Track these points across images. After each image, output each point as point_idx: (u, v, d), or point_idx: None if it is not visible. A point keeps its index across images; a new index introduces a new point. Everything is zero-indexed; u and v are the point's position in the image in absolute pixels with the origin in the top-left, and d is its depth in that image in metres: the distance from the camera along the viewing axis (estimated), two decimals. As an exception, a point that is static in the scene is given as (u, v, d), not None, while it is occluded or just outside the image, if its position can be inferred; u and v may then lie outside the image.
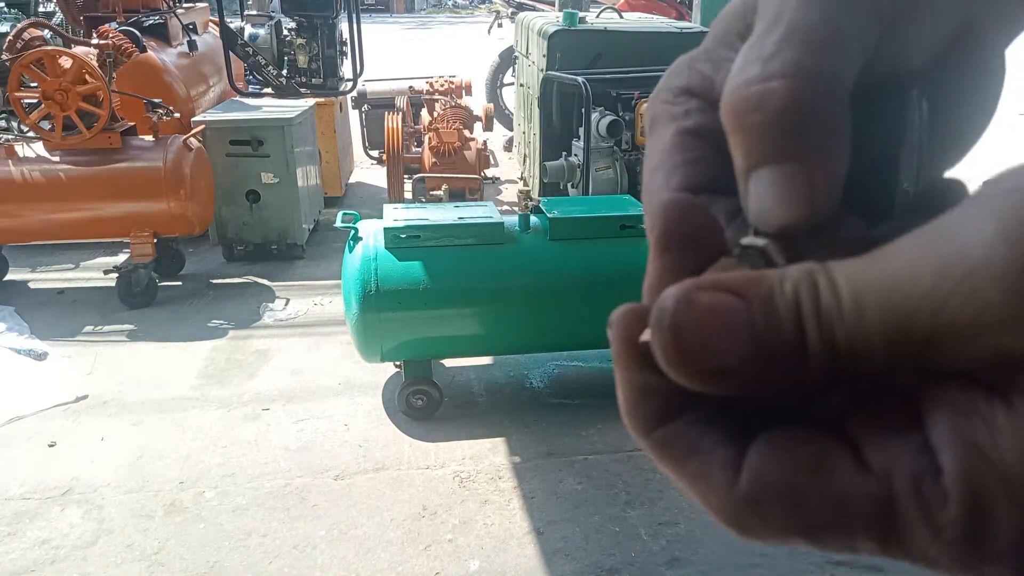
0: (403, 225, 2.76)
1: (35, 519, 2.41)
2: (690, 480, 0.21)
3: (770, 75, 0.21)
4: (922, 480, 0.18)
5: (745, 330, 0.19)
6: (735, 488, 0.20)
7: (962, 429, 0.18)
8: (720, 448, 0.20)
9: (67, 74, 3.60)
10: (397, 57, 11.06)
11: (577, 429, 2.88)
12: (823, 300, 0.18)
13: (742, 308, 0.19)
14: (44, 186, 3.77)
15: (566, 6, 6.40)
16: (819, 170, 0.21)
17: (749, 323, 0.19)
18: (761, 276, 0.19)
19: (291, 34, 5.30)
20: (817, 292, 0.18)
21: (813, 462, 0.19)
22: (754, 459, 0.20)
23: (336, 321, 3.60)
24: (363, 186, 5.97)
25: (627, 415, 0.22)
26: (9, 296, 3.99)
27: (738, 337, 0.19)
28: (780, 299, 0.19)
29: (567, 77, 4.01)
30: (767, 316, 0.19)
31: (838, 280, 0.18)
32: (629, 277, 2.85)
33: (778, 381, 0.19)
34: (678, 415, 0.21)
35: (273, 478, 2.61)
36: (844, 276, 0.18)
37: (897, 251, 0.18)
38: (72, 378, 3.23)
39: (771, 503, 0.19)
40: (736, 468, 0.20)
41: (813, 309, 0.18)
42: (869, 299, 0.18)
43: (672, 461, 0.21)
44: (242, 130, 4.25)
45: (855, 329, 0.18)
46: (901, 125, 0.23)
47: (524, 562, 2.26)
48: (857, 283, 0.18)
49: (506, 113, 7.20)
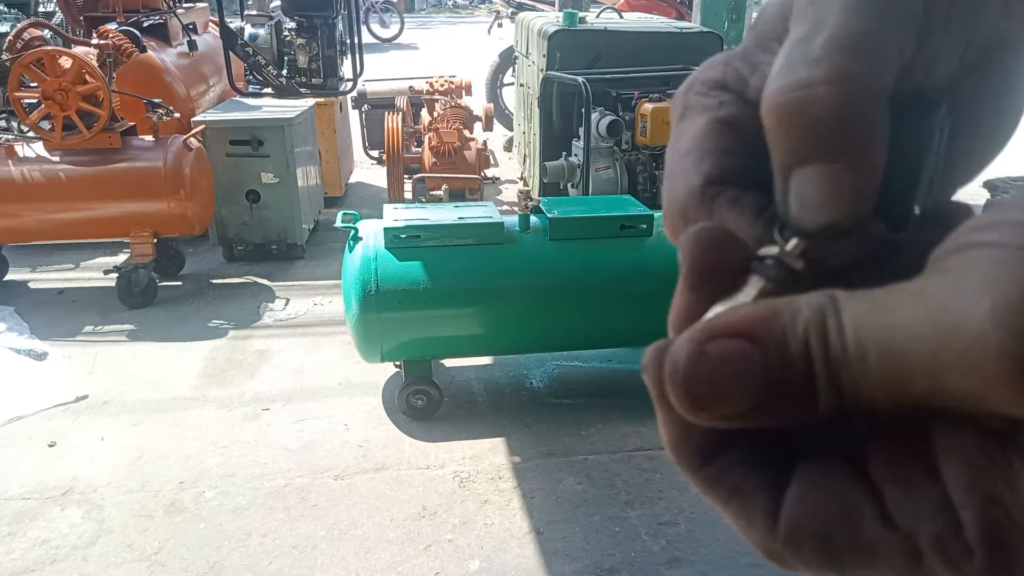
0: (403, 225, 2.75)
1: (35, 519, 2.42)
2: (732, 516, 0.23)
3: (818, 79, 0.21)
4: (945, 538, 0.19)
5: (757, 374, 0.19)
6: (775, 532, 0.21)
7: (980, 484, 0.19)
8: (761, 494, 0.22)
9: (67, 74, 3.60)
10: (397, 57, 11.05)
11: (577, 429, 2.88)
12: (831, 344, 0.19)
13: (754, 354, 0.19)
14: (44, 186, 3.77)
15: (566, 6, 6.40)
16: (863, 172, 0.21)
17: (762, 367, 0.19)
18: (774, 314, 0.20)
19: (291, 34, 5.29)
20: (826, 335, 0.19)
21: (842, 514, 0.20)
22: (790, 507, 0.21)
23: (336, 321, 3.60)
24: (363, 186, 5.97)
25: (673, 452, 0.23)
26: (9, 296, 3.99)
27: (750, 382, 0.19)
28: (792, 342, 0.19)
29: (567, 77, 4.01)
30: (780, 360, 0.19)
31: (845, 323, 0.19)
32: (629, 277, 2.86)
33: (791, 417, 0.20)
34: (721, 452, 0.22)
35: (273, 478, 2.61)
36: (850, 319, 0.19)
37: (897, 305, 0.19)
38: (72, 378, 3.23)
39: (807, 548, 0.21)
40: (775, 514, 0.21)
41: (822, 353, 0.19)
42: (871, 349, 0.18)
43: (718, 500, 0.23)
44: (242, 130, 4.25)
45: (859, 375, 0.19)
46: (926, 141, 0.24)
47: (524, 562, 2.26)
48: (861, 331, 0.19)
49: (506, 113, 7.19)
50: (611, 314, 2.88)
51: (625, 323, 2.92)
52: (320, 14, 5.18)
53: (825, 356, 0.19)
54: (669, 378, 0.20)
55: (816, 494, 0.21)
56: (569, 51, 4.33)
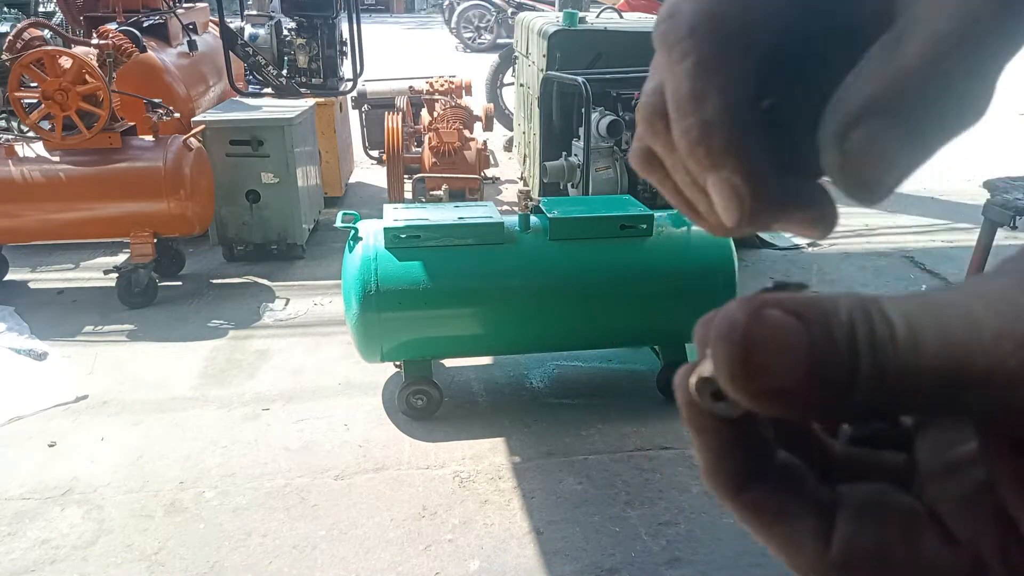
0: (403, 225, 2.75)
1: (35, 519, 2.41)
2: (779, 544, 0.22)
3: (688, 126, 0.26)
4: (1008, 549, 0.19)
5: (804, 352, 0.19)
6: (827, 556, 0.21)
7: None
8: (809, 516, 0.22)
9: (67, 74, 3.60)
10: (397, 57, 11.06)
11: (577, 429, 2.88)
12: (877, 329, 0.19)
13: (802, 330, 0.19)
14: (44, 186, 3.77)
15: (566, 6, 6.40)
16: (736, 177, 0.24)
17: (808, 344, 0.19)
18: (816, 299, 0.20)
19: (291, 34, 5.29)
20: (872, 321, 0.19)
21: (902, 532, 0.21)
22: (845, 528, 0.21)
23: (336, 321, 3.60)
24: (363, 186, 5.97)
25: (710, 477, 0.23)
26: (9, 296, 3.99)
27: (797, 358, 0.19)
28: (836, 324, 0.19)
29: (567, 77, 4.01)
30: (824, 338, 0.19)
31: (891, 314, 0.19)
32: (629, 277, 2.86)
33: (828, 407, 0.20)
34: (759, 476, 0.22)
35: (273, 478, 2.61)
36: (897, 311, 0.19)
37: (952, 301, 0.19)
38: (72, 378, 3.23)
39: (866, 570, 0.21)
40: (827, 536, 0.21)
41: (868, 337, 0.19)
42: (928, 337, 0.19)
43: (761, 525, 0.22)
44: (242, 130, 4.25)
45: (908, 361, 0.19)
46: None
47: (524, 562, 2.26)
48: (913, 320, 0.19)
49: (506, 113, 7.19)
50: (611, 314, 2.88)
51: (625, 323, 2.92)
52: (320, 14, 5.18)
53: (871, 340, 0.19)
54: (726, 336, 0.20)
55: (871, 513, 0.21)
56: (569, 51, 4.33)
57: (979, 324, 0.18)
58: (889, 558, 0.20)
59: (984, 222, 3.28)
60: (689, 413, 0.22)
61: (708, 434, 0.22)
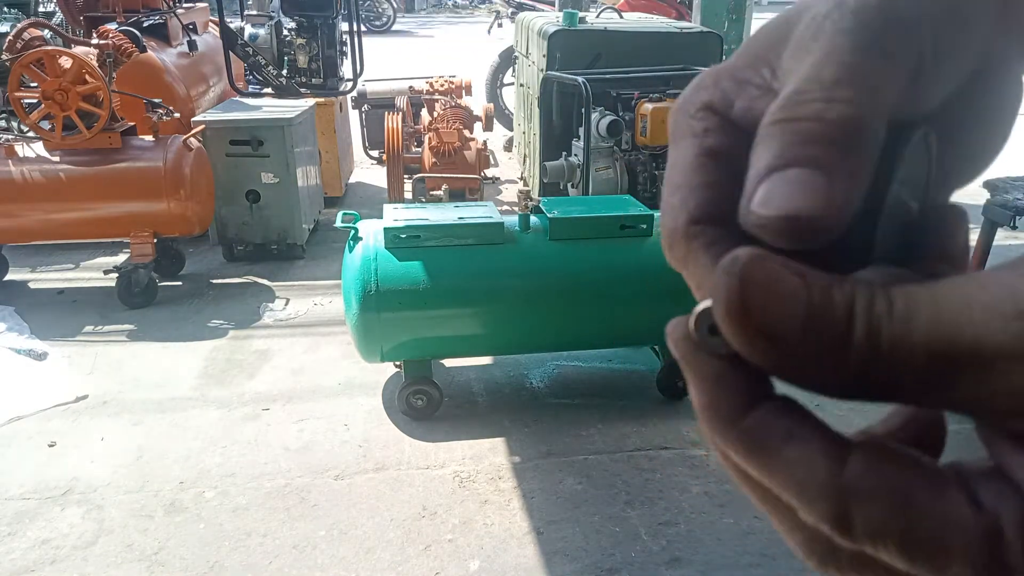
0: (403, 225, 2.75)
1: (35, 519, 2.42)
2: (787, 466, 0.21)
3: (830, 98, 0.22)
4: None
5: (802, 304, 0.20)
6: (840, 476, 0.20)
7: None
8: (822, 434, 0.21)
9: (67, 74, 3.60)
10: (397, 57, 11.06)
11: (577, 429, 2.88)
12: (876, 301, 0.20)
13: (801, 286, 0.20)
14: (44, 186, 3.77)
15: (566, 6, 6.40)
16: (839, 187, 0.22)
17: (807, 300, 0.20)
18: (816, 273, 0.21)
19: (291, 34, 5.29)
20: (872, 295, 0.20)
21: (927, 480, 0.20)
22: (865, 453, 0.20)
23: (336, 321, 3.60)
24: (363, 186, 5.97)
25: (706, 408, 0.22)
26: (9, 296, 3.99)
27: (794, 307, 0.20)
28: (837, 291, 0.20)
29: (567, 77, 4.01)
30: (823, 300, 0.20)
31: (892, 292, 0.20)
32: (629, 277, 2.86)
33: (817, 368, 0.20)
34: (759, 403, 0.22)
35: (273, 478, 2.61)
36: (900, 289, 0.20)
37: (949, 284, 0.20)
38: (72, 378, 3.23)
39: (877, 500, 0.20)
40: (841, 458, 0.20)
41: (866, 307, 0.20)
42: (923, 312, 0.19)
43: (766, 450, 0.21)
44: (242, 130, 4.25)
45: (902, 333, 0.19)
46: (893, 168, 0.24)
47: (524, 562, 2.26)
48: (912, 297, 0.20)
49: (506, 113, 7.19)
50: (611, 314, 2.88)
51: (625, 323, 2.92)
52: (320, 14, 5.18)
53: (868, 310, 0.20)
54: (725, 271, 0.20)
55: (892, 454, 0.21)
56: (569, 51, 4.33)
57: (971, 301, 0.19)
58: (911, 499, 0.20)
59: (984, 222, 3.28)
60: (683, 348, 0.22)
61: (703, 366, 0.22)
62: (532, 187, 4.66)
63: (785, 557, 2.27)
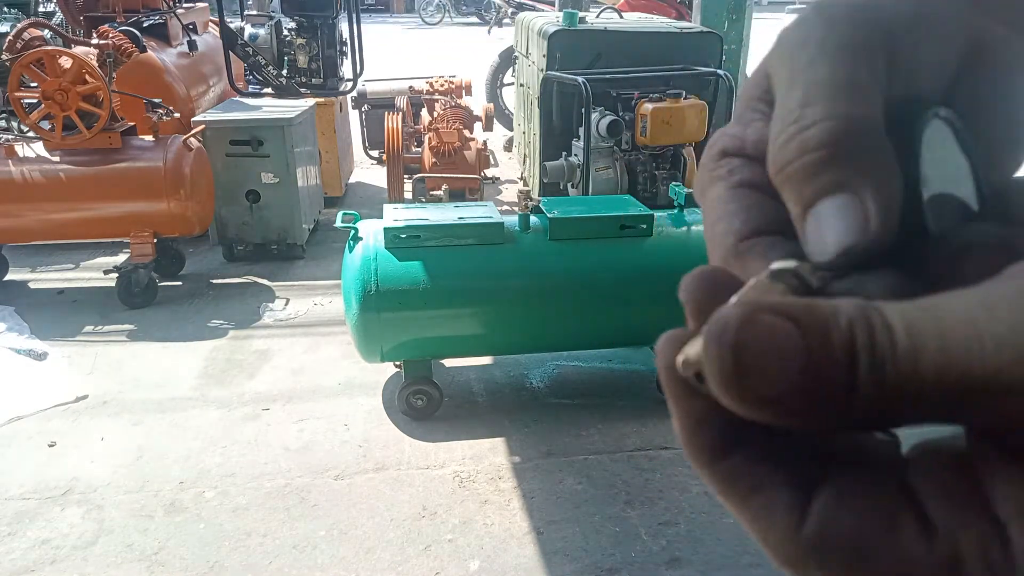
0: (403, 225, 2.75)
1: (35, 519, 2.42)
2: (751, 516, 0.21)
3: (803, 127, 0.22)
4: (991, 548, 0.19)
5: (798, 358, 0.19)
6: (799, 532, 0.20)
7: None
8: (785, 489, 0.21)
9: (67, 74, 3.60)
10: (397, 57, 11.06)
11: (577, 429, 2.88)
12: (878, 338, 0.18)
13: (797, 335, 0.19)
14: (44, 186, 3.77)
15: (566, 6, 6.40)
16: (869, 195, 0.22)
17: (804, 351, 0.19)
18: (814, 304, 0.19)
19: (291, 34, 5.30)
20: (872, 329, 0.19)
21: (881, 519, 0.20)
22: (822, 507, 0.20)
23: (336, 321, 3.60)
24: (363, 186, 5.97)
25: (687, 446, 0.22)
26: (9, 296, 3.99)
27: (791, 364, 0.19)
28: (835, 331, 0.19)
29: (567, 77, 4.01)
30: (821, 346, 0.19)
31: (892, 321, 0.19)
32: (629, 277, 2.86)
33: (822, 417, 0.19)
34: (738, 447, 0.22)
35: (273, 478, 2.61)
36: (899, 318, 0.19)
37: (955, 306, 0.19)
38: (72, 378, 3.23)
39: (835, 553, 0.20)
40: (801, 512, 0.20)
41: (867, 345, 0.18)
42: (929, 345, 0.18)
43: (735, 496, 0.22)
44: (242, 130, 4.25)
45: (909, 370, 0.18)
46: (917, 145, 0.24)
47: (524, 562, 2.26)
48: (914, 328, 0.18)
49: (506, 113, 7.19)
50: (611, 314, 2.88)
51: (625, 323, 2.92)
52: (320, 14, 5.18)
53: (870, 349, 0.18)
54: (714, 340, 0.19)
55: (852, 498, 0.20)
56: (569, 51, 4.33)
57: (980, 331, 0.18)
58: (863, 546, 0.20)
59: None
60: (668, 379, 0.22)
61: (686, 402, 0.21)
62: (532, 187, 4.66)
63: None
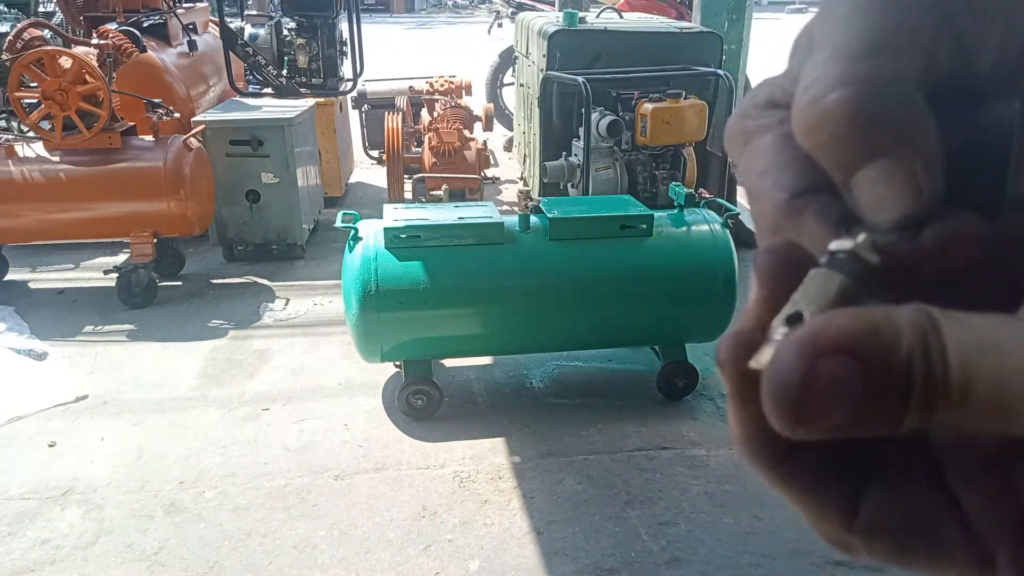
0: (403, 225, 2.75)
1: (35, 519, 2.41)
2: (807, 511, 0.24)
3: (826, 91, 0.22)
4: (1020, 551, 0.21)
5: (858, 392, 0.19)
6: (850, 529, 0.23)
7: None
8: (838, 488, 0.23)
9: (67, 74, 3.60)
10: (397, 57, 11.06)
11: (577, 429, 2.88)
12: (934, 370, 0.19)
13: (857, 375, 0.19)
14: (44, 186, 3.77)
15: (566, 6, 6.40)
16: (915, 158, 0.22)
17: (863, 385, 0.19)
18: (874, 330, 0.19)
19: (291, 34, 5.30)
20: (930, 359, 0.19)
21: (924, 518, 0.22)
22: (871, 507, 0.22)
23: (336, 321, 3.60)
24: (363, 186, 5.97)
25: (747, 445, 0.23)
26: (9, 296, 3.99)
27: (851, 400, 0.19)
28: (896, 363, 0.19)
29: (567, 77, 4.01)
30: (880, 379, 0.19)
31: (949, 350, 0.19)
32: (629, 277, 2.86)
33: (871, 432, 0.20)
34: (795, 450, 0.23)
35: (273, 478, 2.61)
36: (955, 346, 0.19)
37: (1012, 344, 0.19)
38: (72, 378, 3.23)
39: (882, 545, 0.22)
40: (852, 512, 0.23)
41: (923, 378, 0.19)
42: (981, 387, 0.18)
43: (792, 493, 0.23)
44: (242, 130, 4.25)
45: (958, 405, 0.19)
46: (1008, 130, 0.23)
47: (524, 562, 2.26)
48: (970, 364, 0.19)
49: (506, 113, 7.20)
50: (611, 314, 2.88)
51: (625, 323, 2.92)
52: (320, 14, 5.18)
53: (926, 381, 0.19)
54: (777, 394, 0.20)
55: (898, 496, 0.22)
56: (569, 51, 4.32)
57: None
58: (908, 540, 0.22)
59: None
60: (734, 382, 0.22)
61: (751, 406, 0.22)
62: (532, 187, 4.66)
63: (785, 557, 2.27)
